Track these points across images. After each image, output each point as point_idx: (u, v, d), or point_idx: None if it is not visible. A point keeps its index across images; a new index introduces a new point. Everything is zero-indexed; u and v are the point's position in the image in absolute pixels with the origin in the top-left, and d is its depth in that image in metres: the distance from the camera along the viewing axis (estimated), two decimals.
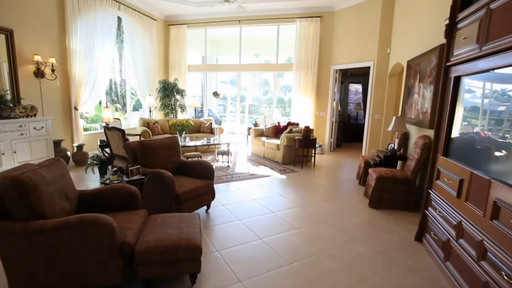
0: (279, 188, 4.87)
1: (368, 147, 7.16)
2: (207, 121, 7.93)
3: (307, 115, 8.24)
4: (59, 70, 5.68)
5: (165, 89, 7.85)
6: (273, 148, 6.69)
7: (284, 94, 15.40)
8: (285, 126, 7.31)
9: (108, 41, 6.70)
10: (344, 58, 7.70)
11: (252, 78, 14.51)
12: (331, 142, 8.32)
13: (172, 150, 3.82)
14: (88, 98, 6.30)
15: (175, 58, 8.92)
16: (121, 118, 8.50)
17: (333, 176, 5.79)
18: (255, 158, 7.09)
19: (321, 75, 8.17)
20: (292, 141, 6.36)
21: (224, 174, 5.58)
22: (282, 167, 6.21)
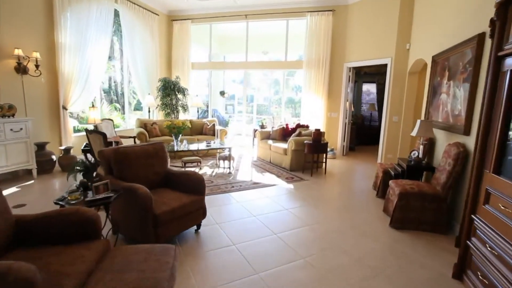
0: (285, 201, 4.20)
1: (385, 152, 6.41)
2: (210, 122, 7.32)
3: (318, 116, 7.54)
4: (45, 65, 5.18)
5: (165, 88, 7.28)
6: (280, 152, 6.02)
7: (295, 94, 14.73)
8: (293, 129, 6.64)
9: (103, 36, 6.18)
10: (358, 55, 6.96)
11: (263, 77, 13.87)
12: (343, 145, 7.59)
13: (156, 159, 3.21)
14: (80, 97, 5.78)
15: (178, 56, 8.35)
16: (116, 119, 8.05)
17: (347, 186, 5.08)
18: (261, 163, 6.44)
19: (333, 74, 7.45)
20: (301, 145, 5.68)
21: (224, 182, 4.96)
22: (290, 175, 5.54)
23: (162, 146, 3.34)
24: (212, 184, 4.84)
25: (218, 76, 12.11)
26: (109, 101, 8.51)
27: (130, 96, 8.53)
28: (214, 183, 4.87)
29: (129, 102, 8.80)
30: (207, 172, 5.56)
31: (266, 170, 5.81)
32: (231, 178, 5.19)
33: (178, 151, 4.88)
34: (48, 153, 5.08)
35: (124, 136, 5.79)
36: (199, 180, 3.10)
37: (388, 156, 6.39)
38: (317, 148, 5.47)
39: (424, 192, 3.36)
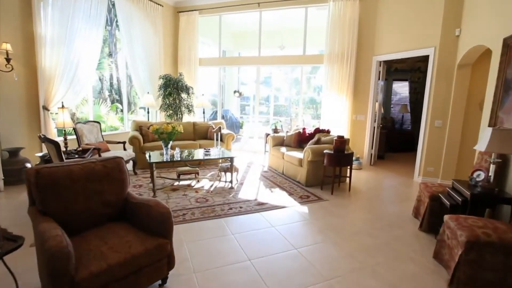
0: (295, 234, 3.08)
1: (424, 165, 5.08)
2: (216, 125, 6.31)
3: (341, 119, 6.31)
4: (20, 60, 4.40)
5: (167, 86, 6.36)
6: (294, 163, 4.89)
7: (317, 94, 13.51)
8: (311, 134, 5.46)
9: (95, 28, 5.35)
10: (390, 46, 5.65)
11: (284, 76, 12.79)
12: (371, 153, 6.31)
13: (107, 183, 2.21)
14: (65, 96, 4.97)
15: (185, 51, 7.42)
16: (114, 121, 7.24)
17: (378, 210, 3.85)
18: (271, 174, 5.33)
19: (360, 69, 6.19)
20: (320, 155, 4.51)
21: (221, 201, 3.91)
22: (305, 192, 4.39)
23: (119, 163, 2.33)
24: (205, 204, 3.81)
25: (233, 75, 11.15)
26: (111, 101, 7.74)
27: (134, 95, 7.72)
28: (209, 203, 3.84)
29: (134, 103, 8.02)
30: (205, 186, 4.54)
31: (276, 185, 4.69)
32: (232, 196, 4.14)
33: (168, 161, 3.87)
34: (21, 160, 4.27)
35: (111, 141, 4.91)
36: (162, 217, 2.07)
37: (429, 170, 5.06)
38: (339, 160, 4.29)
39: (508, 241, 2.13)
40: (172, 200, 3.89)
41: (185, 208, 3.63)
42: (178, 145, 5.48)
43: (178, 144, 5.52)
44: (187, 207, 3.67)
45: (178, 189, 4.32)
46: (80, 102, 6.85)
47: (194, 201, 3.90)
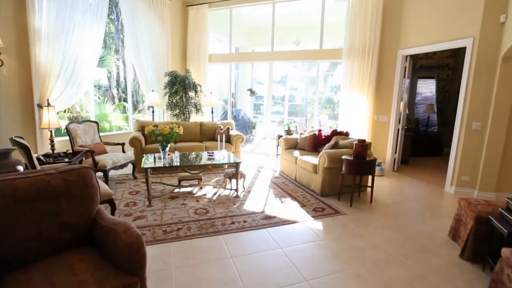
0: (307, 260, 2.51)
1: (458, 173, 4.35)
2: (224, 126, 5.81)
3: (361, 120, 5.64)
4: (13, 54, 4.07)
5: (173, 84, 5.92)
6: (308, 169, 4.30)
7: (334, 94, 12.82)
8: (328, 136, 4.85)
9: (96, 22, 4.97)
10: (419, 38, 4.93)
11: (299, 75, 12.20)
12: (395, 158, 5.60)
13: (67, 200, 1.73)
14: (62, 94, 4.61)
15: (194, 47, 6.96)
16: (118, 120, 6.87)
17: (406, 227, 3.21)
18: (283, 181, 4.76)
19: (383, 65, 5.50)
20: (337, 161, 3.91)
21: (224, 213, 3.39)
22: (320, 203, 3.80)
23: (86, 175, 1.85)
24: (205, 216, 3.30)
25: (246, 73, 10.64)
26: (118, 99, 7.41)
27: (142, 94, 7.35)
28: (209, 215, 3.33)
29: (142, 101, 7.66)
30: (208, 193, 4.03)
31: (287, 194, 4.12)
32: (236, 206, 3.61)
33: (153, 168, 3.38)
34: (12, 163, 3.89)
35: (109, 142, 4.51)
36: (130, 248, 1.56)
37: (464, 179, 4.33)
38: (360, 167, 3.66)
39: None
40: (168, 211, 3.41)
41: (181, 221, 3.14)
42: (182, 147, 5.05)
43: (182, 146, 5.08)
44: (183, 220, 3.18)
45: (178, 197, 3.85)
46: (88, 100, 6.55)
47: (193, 212, 3.40)
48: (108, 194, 2.87)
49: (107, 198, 2.87)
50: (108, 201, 2.90)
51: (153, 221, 3.15)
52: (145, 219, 3.18)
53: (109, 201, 2.90)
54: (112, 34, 7.23)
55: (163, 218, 3.22)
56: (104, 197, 2.84)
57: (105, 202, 2.89)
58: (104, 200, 2.86)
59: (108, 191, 2.88)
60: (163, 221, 3.15)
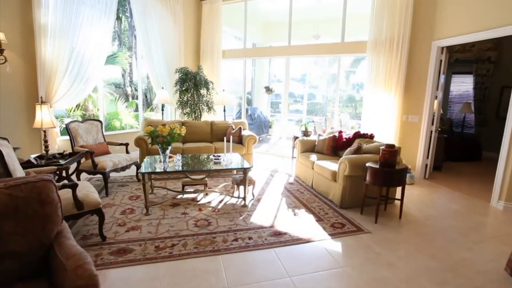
0: None
1: (509, 185, 3.60)
2: (236, 125, 5.36)
3: (387, 120, 4.99)
4: (19, 51, 3.89)
5: (183, 81, 5.55)
6: (326, 176, 3.75)
7: (356, 92, 12.08)
8: (349, 139, 4.26)
9: (105, 18, 4.71)
10: (459, 26, 4.19)
11: (320, 72, 11.59)
12: (426, 164, 4.90)
13: (14, 222, 1.34)
14: (69, 91, 4.37)
15: (207, 43, 6.56)
16: (127, 118, 6.62)
17: (446, 254, 2.59)
18: (297, 188, 4.25)
19: (415, 58, 4.80)
20: (360, 169, 3.34)
21: (227, 226, 2.94)
22: (339, 217, 3.25)
23: (42, 189, 1.45)
24: (206, 229, 2.86)
25: (263, 70, 10.15)
26: (131, 97, 7.18)
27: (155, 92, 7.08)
28: (211, 228, 2.89)
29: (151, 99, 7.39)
30: (213, 201, 3.60)
31: (302, 204, 3.60)
32: (242, 218, 3.15)
33: (150, 173, 2.96)
34: (25, 160, 3.71)
35: (112, 142, 4.21)
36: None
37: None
38: (388, 177, 3.07)
39: None
40: (166, 221, 3.01)
41: (177, 235, 2.73)
42: (190, 148, 4.68)
43: (190, 147, 4.71)
44: (181, 233, 2.77)
45: (179, 205, 3.45)
46: (97, 97, 6.36)
47: (193, 223, 2.98)
48: (95, 204, 2.51)
49: (94, 207, 2.51)
50: (96, 211, 2.54)
51: (147, 233, 2.76)
52: (139, 231, 2.80)
53: (97, 211, 2.54)
54: (126, 31, 7.01)
55: (159, 230, 2.83)
56: (90, 206, 2.49)
57: (92, 212, 2.54)
58: (91, 210, 2.51)
59: (95, 200, 2.52)
60: (158, 233, 2.76)
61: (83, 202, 2.45)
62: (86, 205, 2.47)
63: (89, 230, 2.77)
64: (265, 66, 10.17)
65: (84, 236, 2.68)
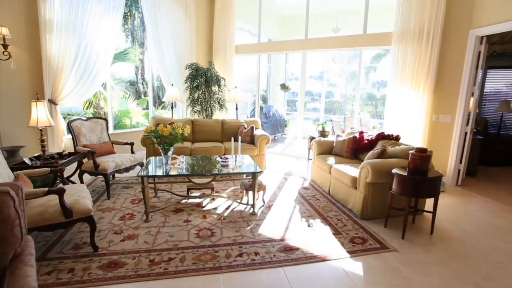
0: None
1: None
2: (248, 124, 5.03)
3: (413, 120, 4.48)
4: (25, 47, 3.79)
5: (194, 77, 5.27)
6: (345, 182, 3.34)
7: (377, 90, 11.46)
8: (371, 140, 3.81)
9: (113, 12, 4.53)
10: (504, 11, 3.62)
11: (338, 69, 11.07)
12: (459, 169, 4.35)
13: None
14: (75, 88, 4.21)
15: (220, 38, 6.25)
16: (138, 116, 6.43)
17: (492, 284, 2.14)
18: (313, 194, 3.85)
19: (448, 50, 4.25)
20: (385, 175, 2.90)
21: (231, 239, 2.61)
22: (360, 231, 2.84)
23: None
24: (208, 241, 2.55)
25: (280, 67, 9.75)
26: (143, 94, 7.00)
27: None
28: (214, 239, 2.58)
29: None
30: (219, 207, 3.29)
31: (318, 213, 3.21)
32: (250, 228, 2.81)
33: (148, 177, 2.67)
34: (19, 161, 3.57)
35: (117, 141, 4.00)
36: None
37: None
38: (419, 187, 2.62)
39: None
40: (166, 229, 2.73)
41: (176, 247, 2.44)
42: (198, 148, 4.41)
43: (198, 147, 4.43)
44: (180, 245, 2.47)
45: (183, 210, 3.16)
46: (106, 95, 6.22)
47: (194, 233, 2.68)
48: (86, 211, 2.26)
49: (84, 215, 2.26)
50: (86, 219, 2.29)
51: (143, 243, 2.49)
52: (135, 240, 2.53)
53: (88, 219, 2.29)
54: (139, 27, 6.85)
55: (157, 240, 2.55)
56: (80, 214, 2.24)
57: (82, 220, 2.29)
58: (81, 217, 2.27)
59: (86, 207, 2.27)
60: (155, 244, 2.48)
61: (72, 209, 2.21)
62: (75, 212, 2.22)
63: (83, 238, 2.54)
64: (281, 62, 9.77)
65: (76, 245, 2.44)
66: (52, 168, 2.59)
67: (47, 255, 2.28)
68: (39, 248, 2.38)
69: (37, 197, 2.16)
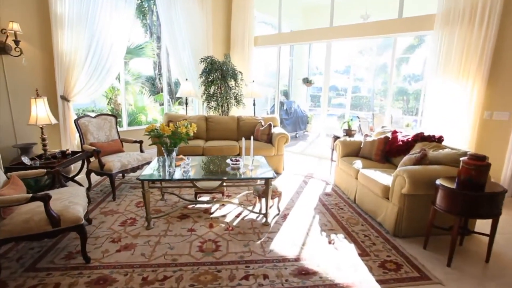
0: None
1: None
2: (266, 121, 4.61)
3: (458, 118, 3.81)
4: (37, 43, 3.71)
5: (210, 71, 4.94)
6: (375, 191, 2.84)
7: (408, 84, 10.57)
8: (407, 142, 3.24)
9: (125, 5, 4.30)
10: None
11: (365, 63, 10.32)
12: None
13: None
14: (87, 84, 4.04)
15: (238, 29, 5.84)
16: (153, 113, 6.21)
17: None
18: (336, 201, 3.38)
19: (507, 35, 3.52)
20: (426, 186, 2.37)
21: (238, 255, 2.24)
22: (392, 254, 2.34)
23: None
24: (211, 256, 2.20)
25: (303, 61, 9.18)
26: (160, 90, 6.80)
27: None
28: (218, 254, 2.23)
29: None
30: (228, 215, 2.93)
31: (340, 227, 2.75)
32: (261, 242, 2.43)
33: (147, 180, 2.34)
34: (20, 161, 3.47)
35: (126, 139, 3.77)
36: None
37: None
38: (473, 204, 2.07)
39: None
40: (167, 239, 2.43)
41: (174, 263, 2.12)
42: (211, 147, 4.10)
43: (212, 146, 4.12)
44: (179, 260, 2.15)
45: (189, 217, 2.85)
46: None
47: (197, 246, 2.35)
48: (75, 219, 2.00)
49: (73, 224, 2.01)
50: (76, 228, 2.04)
51: (139, 256, 2.20)
52: (132, 252, 2.25)
53: (78, 228, 2.04)
54: (155, 21, 6.65)
55: (155, 252, 2.25)
56: (69, 222, 2.00)
57: (71, 230, 2.04)
58: (69, 227, 2.01)
59: (75, 215, 2.01)
60: (152, 257, 2.18)
61: (60, 217, 1.96)
62: (63, 220, 1.97)
63: (78, 245, 2.29)
64: (304, 56, 9.19)
65: (69, 253, 2.21)
66: (47, 170, 2.38)
67: (37, 265, 2.07)
68: (32, 255, 2.19)
69: (20, 204, 1.93)
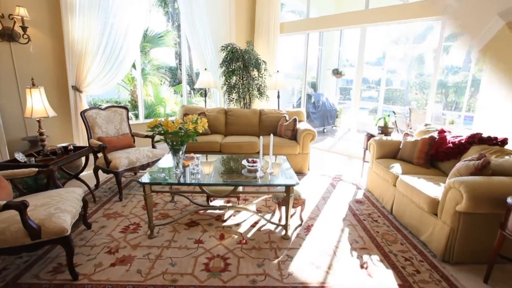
0: None
1: None
2: (291, 116, 4.14)
3: None
4: (47, 30, 3.46)
5: (231, 60, 4.53)
6: (418, 203, 2.30)
7: (445, 76, 9.55)
8: (459, 144, 2.64)
9: None
10: None
11: (400, 53, 9.39)
12: None
13: None
14: (100, 74, 3.81)
15: (263, 15, 5.34)
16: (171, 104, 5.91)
17: None
18: (368, 211, 2.87)
19: None
20: (489, 203, 1.82)
21: (249, 278, 1.84)
22: (441, 286, 1.83)
23: None
24: (217, 278, 1.82)
25: (332, 50, 8.47)
26: (180, 81, 6.52)
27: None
28: (225, 276, 1.84)
29: None
30: (243, 224, 2.55)
31: (375, 245, 2.25)
32: (278, 261, 2.01)
33: (149, 184, 1.99)
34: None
35: (138, 133, 3.49)
36: None
37: None
38: None
39: None
40: (169, 253, 2.09)
41: (173, 285, 1.77)
42: (230, 143, 3.73)
43: (230, 142, 3.75)
44: (178, 282, 1.80)
45: (198, 224, 2.50)
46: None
47: (203, 263, 1.98)
48: (58, 230, 1.70)
49: (57, 236, 1.71)
50: (60, 240, 1.74)
51: (135, 273, 1.88)
52: (127, 267, 1.94)
53: (62, 241, 1.74)
54: (177, 10, 6.33)
55: (153, 269, 1.92)
56: (51, 234, 1.71)
57: (54, 242, 1.74)
58: (52, 239, 1.72)
59: (58, 225, 1.71)
60: (149, 276, 1.85)
61: (41, 228, 1.67)
62: (45, 232, 1.68)
63: None
64: (334, 45, 8.47)
65: (58, 266, 1.94)
66: (39, 169, 2.12)
67: (19, 280, 1.81)
68: (17, 266, 1.93)
69: None
